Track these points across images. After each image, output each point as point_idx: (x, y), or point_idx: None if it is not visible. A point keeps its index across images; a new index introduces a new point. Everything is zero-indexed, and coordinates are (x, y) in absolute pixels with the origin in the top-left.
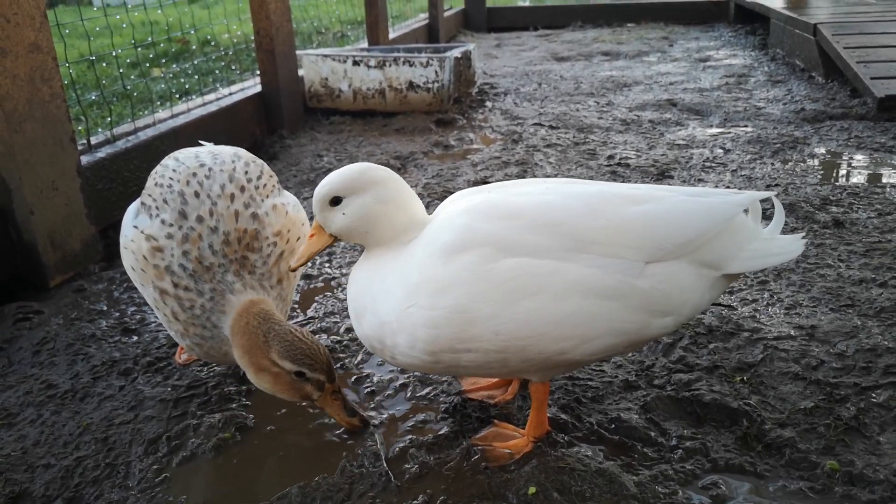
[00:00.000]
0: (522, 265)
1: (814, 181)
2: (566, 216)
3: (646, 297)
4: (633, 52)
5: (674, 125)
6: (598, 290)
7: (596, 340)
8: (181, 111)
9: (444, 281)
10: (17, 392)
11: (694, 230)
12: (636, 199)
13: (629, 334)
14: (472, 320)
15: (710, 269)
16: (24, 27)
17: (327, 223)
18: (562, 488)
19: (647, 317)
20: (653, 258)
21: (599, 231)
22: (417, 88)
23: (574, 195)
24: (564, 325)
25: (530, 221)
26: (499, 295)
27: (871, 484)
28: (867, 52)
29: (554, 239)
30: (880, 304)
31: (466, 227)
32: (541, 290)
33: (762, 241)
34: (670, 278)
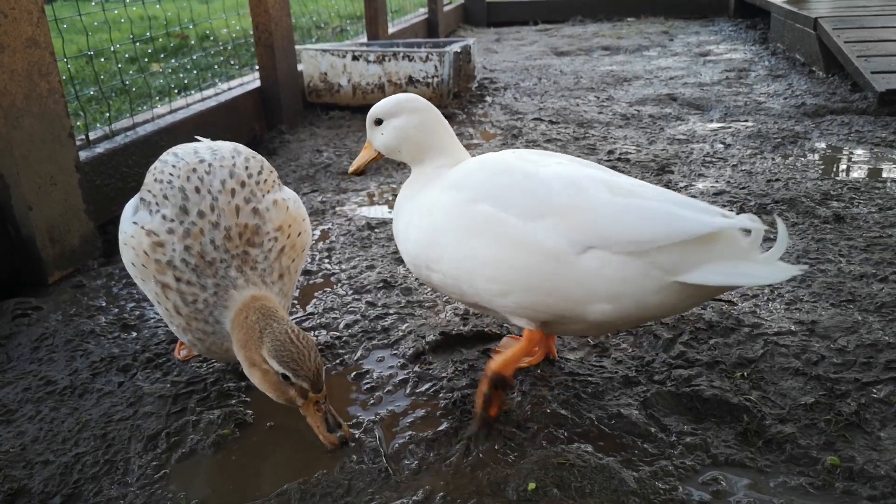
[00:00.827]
0: (488, 212)
1: (814, 176)
2: (542, 188)
3: (586, 272)
4: (633, 47)
5: (674, 120)
6: (541, 248)
7: (533, 294)
8: (180, 106)
9: (431, 206)
10: (16, 388)
11: (647, 234)
12: (617, 192)
13: (568, 301)
14: (434, 243)
15: (661, 272)
16: (22, 22)
17: (373, 139)
18: (561, 484)
19: (581, 293)
20: (599, 245)
21: (561, 206)
22: (417, 83)
23: (563, 175)
24: (498, 268)
25: (512, 182)
26: (459, 229)
27: (871, 479)
28: (868, 47)
29: (523, 202)
30: (881, 299)
31: (468, 171)
32: (494, 236)
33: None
34: (608, 266)
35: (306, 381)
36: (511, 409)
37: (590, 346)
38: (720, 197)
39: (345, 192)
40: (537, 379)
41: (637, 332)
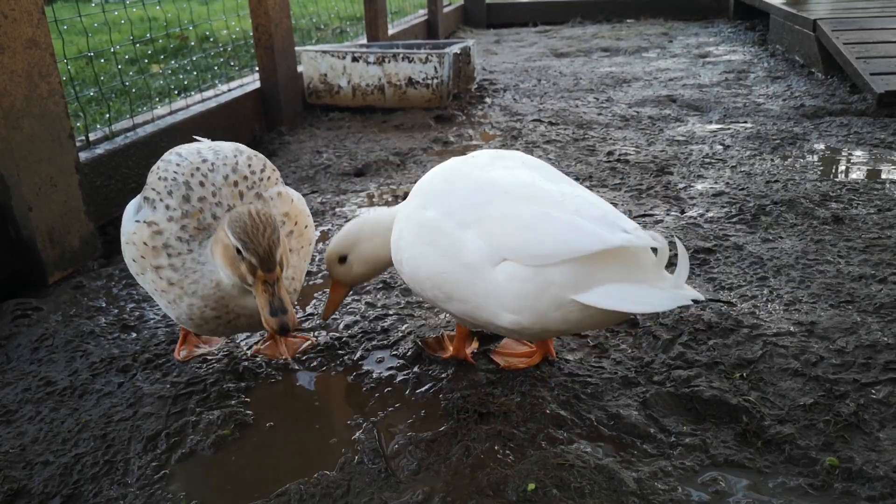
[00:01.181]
0: (433, 219)
1: (813, 177)
2: (477, 196)
3: (495, 285)
4: (632, 48)
5: (673, 121)
6: (462, 260)
7: (460, 303)
8: (180, 108)
9: (401, 213)
10: (16, 389)
11: (541, 248)
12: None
13: (483, 311)
14: (399, 247)
15: (557, 288)
16: (22, 23)
17: (343, 277)
18: (561, 484)
19: (493, 304)
20: (507, 257)
21: (487, 217)
22: (417, 84)
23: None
24: (438, 278)
25: (454, 189)
26: (413, 235)
27: (870, 480)
28: (867, 48)
29: (461, 209)
30: (880, 300)
31: (424, 180)
32: (433, 243)
33: (645, 284)
34: (517, 279)
35: (255, 257)
36: (510, 410)
37: (589, 346)
38: (719, 198)
39: (344, 193)
40: (536, 380)
41: (636, 332)
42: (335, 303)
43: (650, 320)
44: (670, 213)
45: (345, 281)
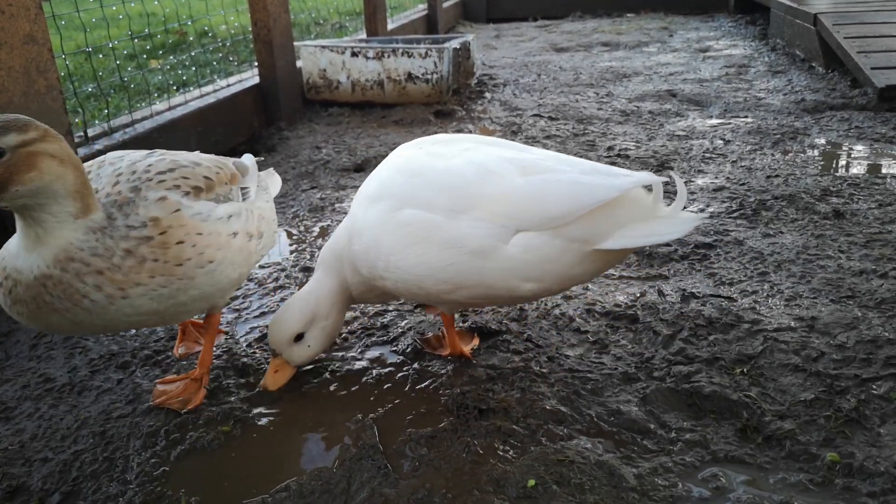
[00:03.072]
0: (415, 217)
1: (814, 172)
2: (459, 181)
3: (511, 261)
4: (632, 43)
5: (674, 116)
6: (469, 248)
7: (471, 289)
8: (179, 103)
9: (363, 223)
10: (15, 386)
11: (556, 209)
12: (528, 170)
13: (499, 289)
14: (378, 255)
15: (579, 244)
16: (20, 18)
17: (295, 357)
18: (561, 480)
19: (511, 278)
20: (522, 228)
21: (481, 198)
22: (416, 80)
23: (475, 162)
24: (443, 272)
25: (429, 181)
26: (396, 238)
27: (871, 476)
28: (868, 42)
29: (445, 199)
30: (881, 295)
31: (382, 181)
32: (426, 240)
33: (654, 219)
34: (533, 248)
35: None
36: (510, 406)
37: (589, 342)
38: (720, 193)
39: (344, 188)
40: (536, 376)
41: (636, 328)
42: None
43: (651, 316)
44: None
45: (296, 362)
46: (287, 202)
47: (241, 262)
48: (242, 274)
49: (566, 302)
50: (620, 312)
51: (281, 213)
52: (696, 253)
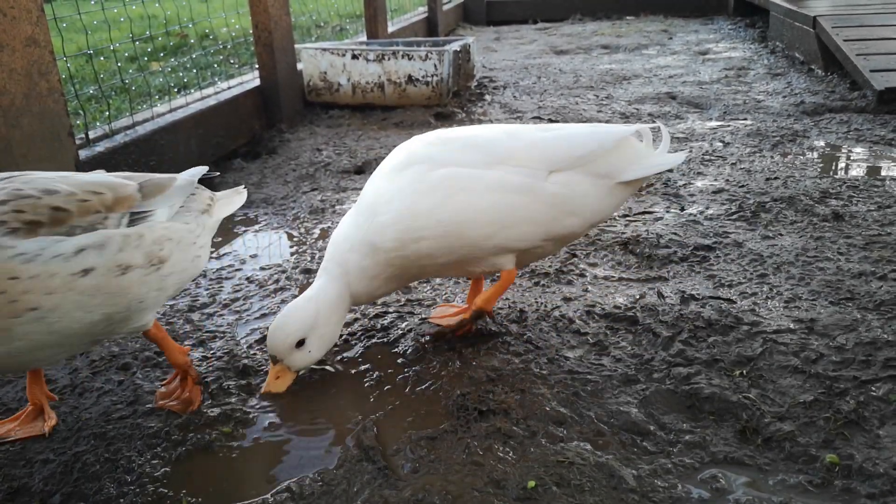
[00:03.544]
0: (453, 172)
1: (813, 174)
2: (488, 140)
3: (551, 196)
4: (632, 45)
5: (673, 118)
6: (512, 186)
7: (516, 227)
8: (179, 105)
9: (390, 192)
10: (16, 387)
11: (582, 149)
12: (546, 130)
13: (543, 224)
14: (416, 215)
15: (604, 179)
16: (21, 21)
17: (296, 362)
18: (561, 482)
19: (554, 212)
20: (553, 168)
21: (513, 149)
22: (416, 82)
23: (499, 128)
24: (489, 211)
25: (460, 144)
26: (437, 193)
27: (870, 477)
28: (867, 45)
29: (478, 155)
30: (880, 297)
31: (407, 152)
32: (468, 187)
33: (652, 157)
34: (569, 184)
35: None
36: (510, 408)
37: (589, 344)
38: (719, 195)
39: (344, 190)
40: (536, 377)
41: (636, 330)
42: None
43: (650, 318)
44: (670, 210)
45: (297, 367)
46: (288, 204)
47: (107, 302)
48: (119, 312)
49: (566, 304)
50: (620, 314)
51: (281, 216)
52: (696, 255)
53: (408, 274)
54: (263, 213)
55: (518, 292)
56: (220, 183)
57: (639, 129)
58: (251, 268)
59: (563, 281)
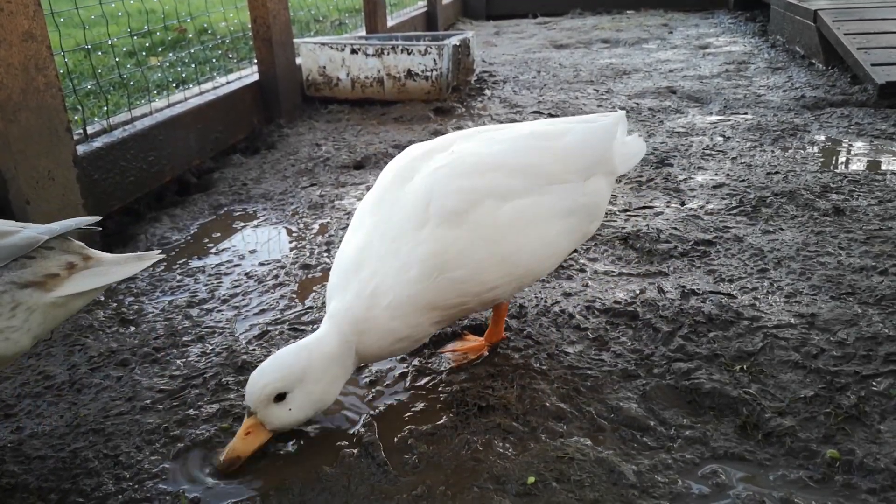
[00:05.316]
0: (519, 206)
1: (814, 168)
2: (530, 163)
3: (587, 208)
4: (632, 40)
5: (673, 113)
6: (566, 209)
7: (568, 247)
8: (178, 101)
9: (460, 243)
10: (14, 383)
11: (602, 149)
12: (556, 135)
13: (581, 239)
14: (499, 262)
15: (610, 176)
16: (18, 15)
17: (274, 419)
18: (560, 477)
19: (588, 223)
20: (586, 177)
21: (552, 166)
22: (416, 77)
23: (512, 140)
24: (555, 242)
25: (509, 170)
26: (511, 234)
27: (871, 473)
28: (868, 39)
29: (530, 180)
30: (881, 291)
31: (470, 189)
32: (535, 222)
33: (624, 145)
34: (597, 190)
35: None
36: (510, 403)
37: (589, 339)
38: (719, 190)
39: (343, 185)
40: (536, 373)
41: (636, 325)
42: (248, 451)
43: (650, 313)
44: (670, 205)
45: (274, 426)
46: (287, 199)
47: None
48: None
49: (566, 299)
50: (620, 309)
51: (280, 211)
52: (696, 250)
53: (438, 328)
54: (262, 209)
55: None
56: (219, 179)
57: (619, 115)
58: (250, 263)
59: (563, 276)
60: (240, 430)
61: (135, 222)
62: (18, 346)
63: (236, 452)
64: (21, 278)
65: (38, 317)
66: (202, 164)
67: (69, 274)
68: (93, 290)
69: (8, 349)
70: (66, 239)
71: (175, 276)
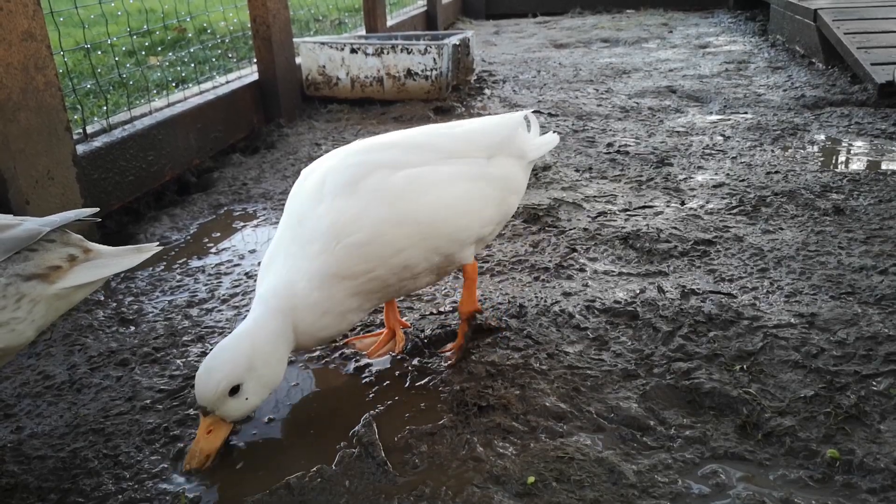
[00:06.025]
0: (415, 172)
1: (814, 168)
2: (426, 140)
3: (498, 178)
4: (632, 39)
5: (673, 112)
6: (470, 175)
7: (482, 212)
8: (178, 100)
9: (355, 209)
10: (14, 383)
11: (501, 135)
12: (455, 126)
13: (497, 205)
14: (396, 222)
15: (521, 159)
16: (18, 15)
17: (231, 412)
18: (560, 477)
19: (503, 193)
20: (490, 155)
21: (452, 145)
22: (415, 76)
23: (416, 132)
24: (461, 202)
25: (404, 146)
26: (409, 195)
27: (871, 472)
28: (868, 38)
29: (425, 154)
30: (881, 291)
31: (358, 163)
32: (436, 183)
33: (537, 139)
34: (505, 166)
35: None
36: (510, 403)
37: (589, 339)
38: (719, 189)
39: None
40: (536, 373)
41: (636, 325)
42: (215, 448)
43: (650, 313)
44: (670, 205)
45: (234, 417)
46: (286, 199)
47: None
48: None
49: (566, 298)
50: (620, 309)
51: (280, 210)
52: (696, 249)
53: (368, 303)
54: (262, 209)
55: (517, 287)
56: (218, 179)
57: (526, 115)
58: (250, 263)
59: (563, 276)
60: (200, 430)
61: (134, 222)
62: (23, 338)
63: (204, 452)
64: (25, 270)
65: (41, 308)
66: (202, 164)
67: (71, 266)
68: (94, 281)
69: (13, 340)
70: (66, 232)
71: (175, 276)
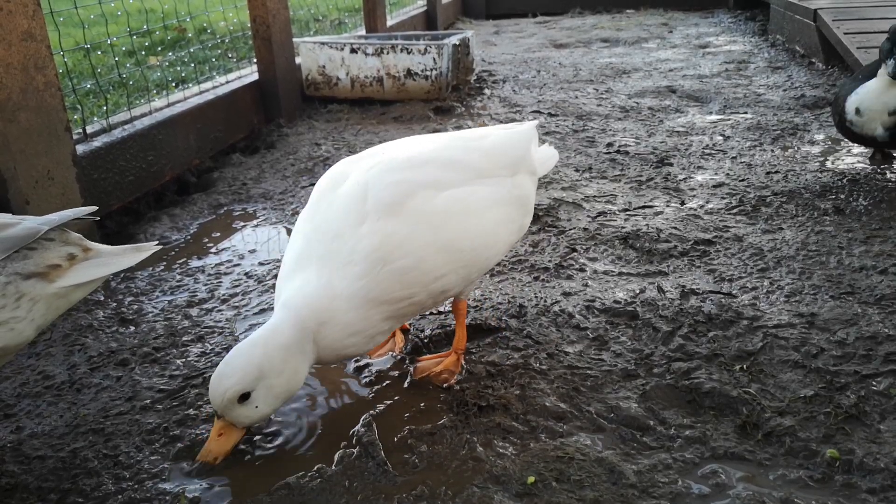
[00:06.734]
0: (455, 194)
1: (814, 168)
2: (459, 157)
3: (520, 200)
4: (632, 39)
5: (673, 112)
6: (502, 199)
7: (510, 237)
8: (178, 100)
9: (400, 234)
10: (14, 383)
11: (523, 149)
12: (478, 137)
13: (519, 231)
14: (440, 249)
15: (533, 175)
16: (17, 15)
17: (242, 418)
18: (560, 477)
19: (522, 215)
20: (512, 173)
21: (483, 163)
22: (415, 76)
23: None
24: (497, 225)
25: (440, 164)
26: (452, 220)
27: (871, 472)
28: (867, 38)
29: (461, 174)
30: (881, 291)
31: (400, 181)
32: (473, 209)
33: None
34: (524, 185)
35: None
36: (510, 403)
37: (589, 339)
38: (719, 189)
39: None
40: (536, 373)
41: (636, 325)
42: (224, 451)
43: (650, 313)
44: (670, 205)
45: (244, 424)
46: (286, 199)
47: None
48: None
49: (566, 298)
50: (620, 309)
51: (280, 210)
52: (696, 249)
53: (398, 325)
54: (262, 208)
55: (517, 287)
56: (218, 179)
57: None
58: (250, 263)
59: (563, 276)
60: (212, 433)
61: (134, 222)
62: (23, 337)
63: (213, 454)
64: (24, 269)
65: (41, 307)
66: (202, 164)
67: (70, 265)
68: (94, 280)
69: (13, 339)
70: (65, 231)
71: (175, 276)
